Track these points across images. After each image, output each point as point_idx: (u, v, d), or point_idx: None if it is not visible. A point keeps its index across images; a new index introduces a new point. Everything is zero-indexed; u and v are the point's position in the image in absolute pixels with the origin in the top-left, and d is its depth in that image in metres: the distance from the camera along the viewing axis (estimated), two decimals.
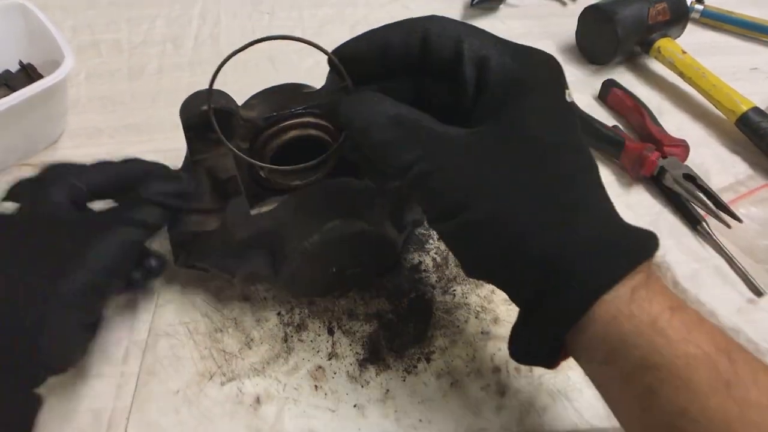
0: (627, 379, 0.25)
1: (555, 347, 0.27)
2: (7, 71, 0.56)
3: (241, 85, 0.39)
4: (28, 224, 0.32)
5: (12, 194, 0.33)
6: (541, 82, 0.28)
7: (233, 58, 0.34)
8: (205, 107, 0.37)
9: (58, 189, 0.33)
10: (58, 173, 0.34)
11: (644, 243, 0.26)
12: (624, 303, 0.24)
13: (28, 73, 0.55)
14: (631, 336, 0.24)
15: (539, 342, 0.27)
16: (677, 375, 0.23)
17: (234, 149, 0.36)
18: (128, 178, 0.36)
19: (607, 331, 0.24)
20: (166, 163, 0.39)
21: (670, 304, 0.24)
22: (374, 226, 0.37)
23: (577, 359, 0.27)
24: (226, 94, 0.39)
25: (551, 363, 0.28)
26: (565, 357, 0.28)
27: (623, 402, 0.26)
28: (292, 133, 0.41)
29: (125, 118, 0.58)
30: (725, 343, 0.24)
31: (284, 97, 0.42)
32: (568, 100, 0.29)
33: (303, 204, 0.38)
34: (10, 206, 0.32)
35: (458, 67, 0.29)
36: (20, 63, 0.56)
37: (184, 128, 0.39)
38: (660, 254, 0.29)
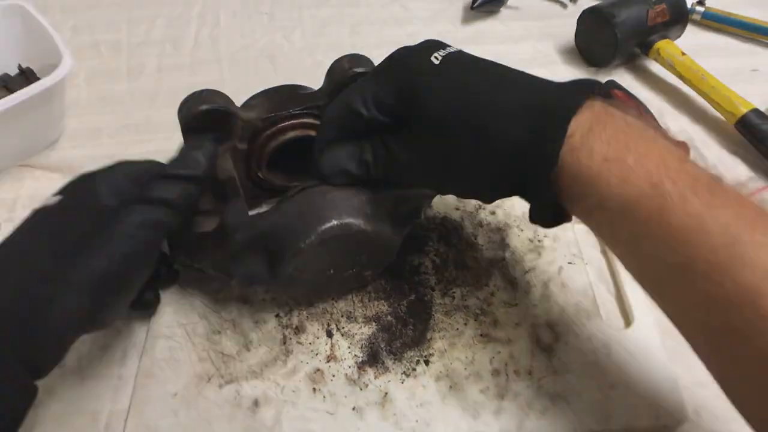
0: (589, 213, 0.30)
1: (558, 211, 0.32)
2: (6, 75, 0.56)
3: (240, 84, 0.39)
4: (62, 214, 0.32)
5: (63, 187, 0.34)
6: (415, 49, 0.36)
7: (231, 57, 0.34)
8: (203, 107, 0.37)
9: (105, 183, 0.33)
10: (112, 168, 0.34)
11: (581, 85, 0.31)
12: (575, 159, 0.29)
13: (27, 77, 0.55)
14: (588, 180, 0.29)
15: (540, 206, 0.33)
16: (620, 212, 0.28)
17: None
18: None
19: (571, 182, 0.29)
20: None
21: (609, 154, 0.28)
22: (371, 227, 0.37)
23: (573, 214, 0.32)
24: (224, 94, 0.39)
25: (560, 220, 0.33)
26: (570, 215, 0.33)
27: (613, 241, 0.31)
28: (291, 134, 0.41)
29: (125, 118, 0.58)
30: (659, 177, 0.27)
31: (283, 98, 0.42)
32: (436, 61, 0.34)
33: (300, 205, 0.38)
34: (54, 199, 0.32)
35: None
36: (19, 67, 0.56)
37: (182, 130, 0.39)
38: None
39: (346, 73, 0.40)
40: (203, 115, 0.37)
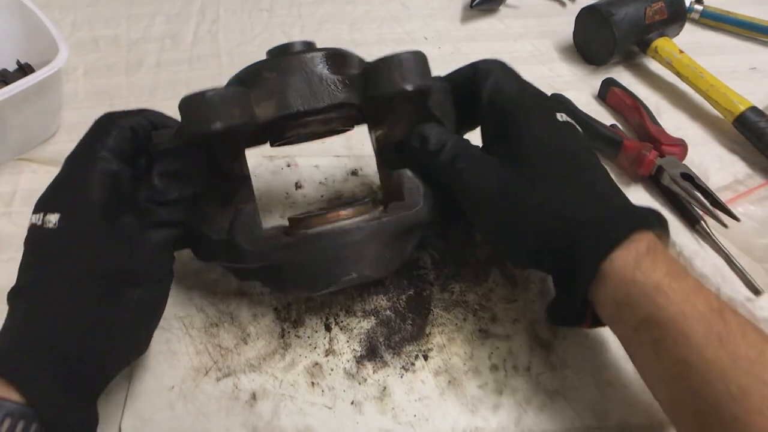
0: (637, 332, 0.30)
1: (581, 310, 0.33)
2: (5, 70, 0.56)
3: None
4: (67, 239, 0.32)
5: (51, 199, 0.34)
6: (537, 105, 0.37)
7: (231, 51, 0.33)
8: (217, 126, 0.31)
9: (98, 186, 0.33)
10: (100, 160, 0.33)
11: (642, 217, 0.31)
12: (629, 268, 0.29)
13: (26, 73, 0.55)
14: (637, 296, 0.29)
15: (567, 304, 0.33)
16: (677, 330, 0.28)
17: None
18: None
19: (617, 292, 0.30)
20: None
21: (670, 271, 0.29)
22: (389, 270, 0.37)
23: (601, 317, 0.32)
24: (237, 98, 0.33)
25: (580, 323, 0.34)
26: (590, 321, 0.34)
27: (638, 352, 0.31)
28: (319, 130, 0.38)
29: None
30: (719, 305, 0.28)
31: (313, 84, 0.35)
32: (560, 120, 0.36)
33: (318, 250, 0.35)
34: (52, 219, 0.32)
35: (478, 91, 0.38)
36: (18, 62, 0.56)
37: (190, 142, 0.34)
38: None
39: (398, 86, 0.35)
40: (215, 136, 0.32)
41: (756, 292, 0.44)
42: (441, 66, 0.41)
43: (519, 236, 0.34)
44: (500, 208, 0.35)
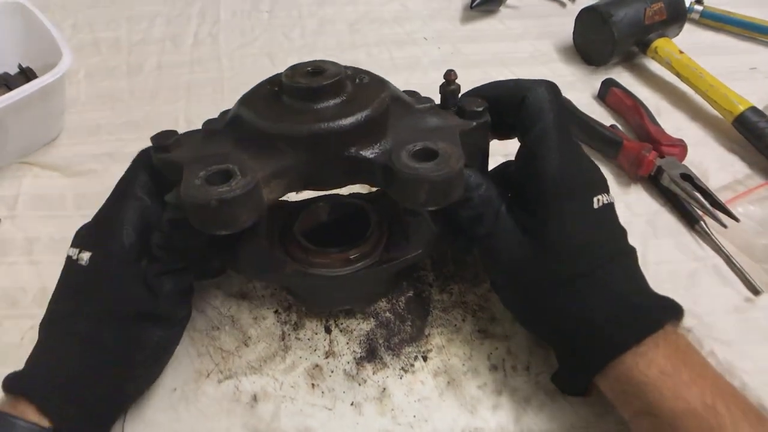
0: (634, 419, 0.32)
1: (585, 385, 0.35)
2: (6, 73, 0.56)
3: (239, 82, 0.39)
4: (98, 276, 0.34)
5: (85, 238, 0.36)
6: (576, 189, 0.34)
7: (232, 54, 0.32)
8: (221, 232, 0.28)
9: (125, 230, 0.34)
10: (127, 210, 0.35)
11: (655, 322, 0.32)
12: (628, 364, 0.31)
13: (27, 76, 0.55)
14: (633, 391, 0.31)
15: (572, 383, 0.36)
16: (670, 425, 0.29)
17: None
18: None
19: (616, 382, 0.32)
20: None
21: (665, 369, 0.30)
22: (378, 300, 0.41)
23: (613, 401, 0.34)
24: (247, 200, 0.28)
25: (585, 394, 0.36)
26: (594, 391, 0.35)
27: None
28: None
29: (124, 115, 0.58)
30: (713, 399, 0.29)
31: (314, 173, 0.32)
32: (596, 207, 0.34)
33: (321, 286, 0.39)
34: (84, 256, 0.34)
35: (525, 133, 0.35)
36: (19, 66, 0.56)
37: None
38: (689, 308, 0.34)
39: (421, 208, 0.35)
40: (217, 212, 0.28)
41: (755, 292, 0.44)
42: (441, 66, 0.41)
43: (534, 319, 0.37)
44: (522, 295, 0.36)
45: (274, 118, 0.32)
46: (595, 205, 0.34)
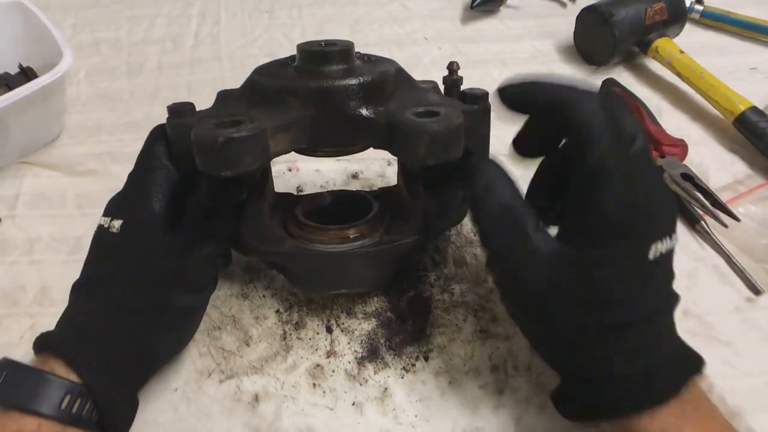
0: None
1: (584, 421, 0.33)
2: (7, 73, 0.56)
3: (239, 82, 0.39)
4: (127, 243, 0.35)
5: (116, 206, 0.36)
6: (633, 235, 0.30)
7: (233, 54, 0.33)
8: (227, 173, 0.30)
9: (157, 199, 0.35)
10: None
11: (677, 383, 0.30)
12: (637, 418, 0.29)
13: (27, 76, 0.55)
14: None
15: (571, 413, 0.34)
16: None
17: None
18: None
19: (620, 427, 0.30)
20: None
21: (669, 428, 0.29)
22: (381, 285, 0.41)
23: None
24: (252, 143, 0.30)
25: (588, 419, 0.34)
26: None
27: None
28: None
29: (125, 115, 0.58)
30: None
31: (321, 124, 0.33)
32: (651, 258, 0.30)
33: (319, 265, 0.39)
34: (116, 224, 0.35)
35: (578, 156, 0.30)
36: (20, 66, 0.56)
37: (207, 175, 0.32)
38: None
39: (422, 162, 0.32)
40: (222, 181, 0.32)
41: (756, 292, 0.44)
42: (442, 66, 0.41)
43: (554, 352, 0.34)
44: (541, 328, 0.33)
45: (284, 77, 0.35)
46: (651, 256, 0.30)
